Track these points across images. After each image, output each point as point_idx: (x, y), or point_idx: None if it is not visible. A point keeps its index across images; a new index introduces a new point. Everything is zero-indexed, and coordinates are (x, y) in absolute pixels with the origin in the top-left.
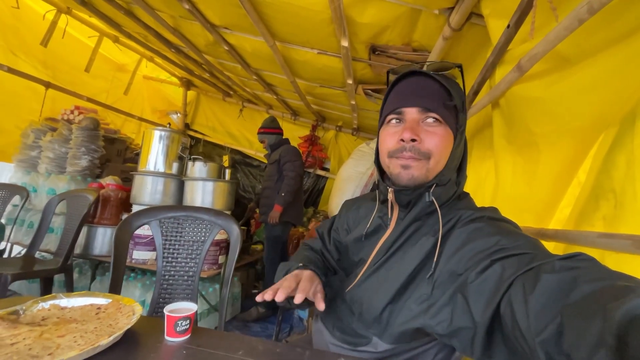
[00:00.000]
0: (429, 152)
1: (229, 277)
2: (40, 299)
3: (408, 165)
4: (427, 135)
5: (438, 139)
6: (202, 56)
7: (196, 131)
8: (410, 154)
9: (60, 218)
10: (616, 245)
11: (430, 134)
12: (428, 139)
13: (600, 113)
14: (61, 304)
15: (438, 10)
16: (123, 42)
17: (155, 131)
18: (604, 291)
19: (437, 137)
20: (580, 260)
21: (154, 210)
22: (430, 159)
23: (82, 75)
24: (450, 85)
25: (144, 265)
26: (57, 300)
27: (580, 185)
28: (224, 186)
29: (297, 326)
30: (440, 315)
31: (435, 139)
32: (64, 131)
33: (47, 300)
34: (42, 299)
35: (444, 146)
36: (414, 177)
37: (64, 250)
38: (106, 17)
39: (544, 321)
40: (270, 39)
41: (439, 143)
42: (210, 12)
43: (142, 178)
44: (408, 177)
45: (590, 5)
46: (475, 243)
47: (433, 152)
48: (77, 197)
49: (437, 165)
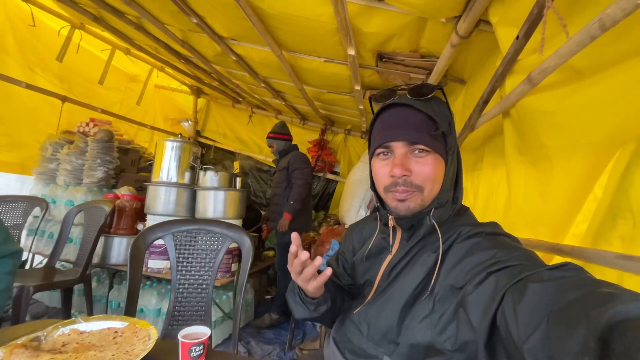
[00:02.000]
0: (421, 184)
1: (242, 287)
2: (60, 323)
3: (403, 199)
4: (417, 167)
5: (429, 169)
6: (211, 66)
7: (207, 138)
8: (404, 187)
9: (78, 228)
10: (635, 267)
11: (420, 165)
12: (418, 170)
13: (616, 128)
14: (80, 328)
15: (445, 18)
16: (134, 54)
17: (167, 142)
18: (588, 298)
19: (427, 167)
20: (567, 269)
21: (167, 224)
22: (424, 190)
23: (97, 87)
24: (434, 113)
25: (159, 274)
26: (76, 325)
27: (596, 201)
28: (235, 195)
29: (310, 333)
30: (447, 331)
31: (426, 169)
32: (80, 144)
33: (67, 325)
34: (62, 323)
35: (436, 174)
36: (410, 208)
37: (82, 260)
38: (118, 31)
39: (531, 329)
40: (277, 49)
41: (430, 173)
42: (217, 25)
43: (156, 189)
44: (405, 209)
45: (601, 22)
46: (474, 257)
47: (426, 183)
48: (94, 208)
49: (432, 193)
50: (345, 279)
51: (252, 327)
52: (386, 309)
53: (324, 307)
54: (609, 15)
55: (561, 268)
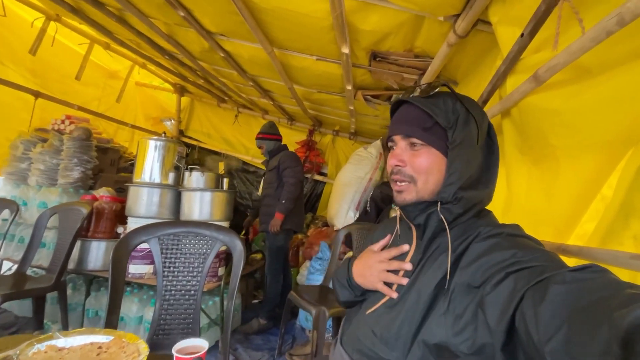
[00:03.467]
0: (413, 175)
1: (234, 293)
2: (36, 339)
3: (400, 190)
4: (411, 158)
5: (420, 161)
6: (197, 63)
7: (191, 137)
8: (398, 176)
9: (52, 232)
10: None
11: (414, 157)
12: (411, 162)
13: (628, 127)
14: (58, 345)
15: (443, 17)
16: (114, 49)
17: (150, 141)
18: (612, 299)
19: (418, 159)
20: (591, 271)
21: (153, 227)
22: (417, 181)
23: (73, 83)
24: (432, 108)
25: (141, 279)
26: (54, 341)
27: (603, 201)
28: (222, 196)
29: (299, 337)
30: (464, 333)
31: (417, 160)
32: (54, 142)
33: (43, 341)
34: (37, 339)
35: (429, 167)
36: (405, 200)
37: (56, 266)
38: (97, 24)
39: (552, 330)
40: (269, 46)
41: (422, 165)
42: (206, 20)
43: (138, 189)
44: (401, 200)
45: (620, 16)
46: (492, 256)
47: (418, 174)
48: (69, 211)
49: (427, 185)
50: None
51: (239, 333)
52: (403, 311)
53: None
54: (630, 9)
55: (585, 270)
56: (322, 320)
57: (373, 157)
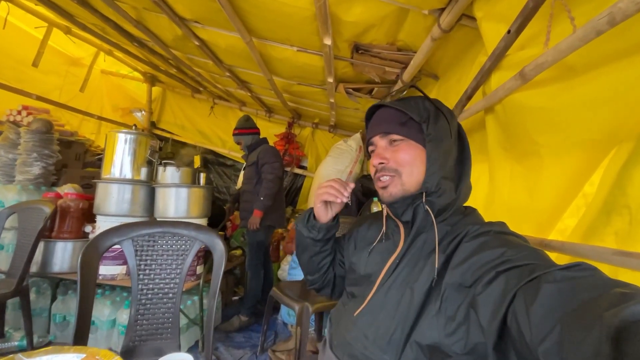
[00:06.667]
0: (397, 168)
1: (215, 294)
2: None
3: (385, 185)
4: (392, 154)
5: (402, 153)
6: (169, 51)
7: (163, 130)
8: (382, 173)
9: (11, 233)
10: (634, 264)
11: (395, 152)
12: (394, 157)
13: (613, 127)
14: None
15: (428, 10)
16: (76, 33)
17: (120, 134)
18: (602, 299)
19: (400, 152)
20: (581, 269)
21: (126, 227)
22: (402, 174)
23: (30, 70)
24: (406, 106)
25: (113, 281)
26: None
27: (585, 197)
28: (199, 192)
29: (282, 332)
30: (457, 333)
31: (399, 153)
32: (10, 135)
33: None
34: None
35: (412, 158)
36: (392, 194)
37: (17, 270)
38: (55, 5)
39: (545, 331)
40: (247, 35)
41: (405, 157)
42: (179, 5)
43: (107, 186)
44: (387, 195)
45: (611, 16)
46: (482, 255)
47: (402, 167)
48: (30, 210)
49: (412, 177)
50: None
51: (219, 332)
52: (395, 310)
53: (333, 231)
54: (621, 9)
55: (574, 268)
56: (305, 316)
57: (353, 150)
